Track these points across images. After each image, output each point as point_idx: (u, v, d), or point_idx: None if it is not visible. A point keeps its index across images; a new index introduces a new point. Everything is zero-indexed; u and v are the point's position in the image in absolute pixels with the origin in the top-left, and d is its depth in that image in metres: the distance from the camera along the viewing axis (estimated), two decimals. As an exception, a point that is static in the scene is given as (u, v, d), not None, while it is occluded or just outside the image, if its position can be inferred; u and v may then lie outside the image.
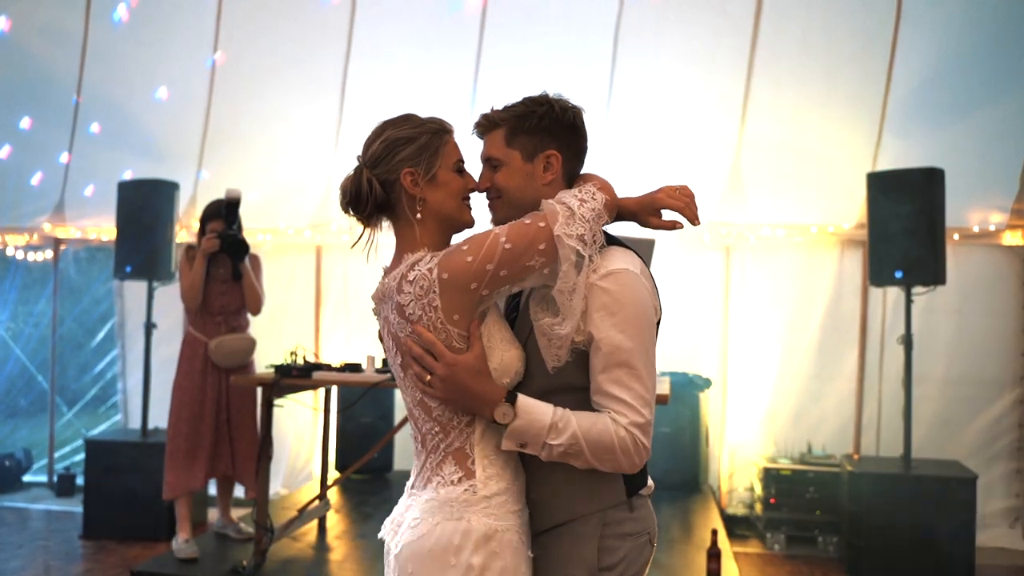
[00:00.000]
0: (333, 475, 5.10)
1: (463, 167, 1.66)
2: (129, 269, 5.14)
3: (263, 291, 4.36)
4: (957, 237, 5.04)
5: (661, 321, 1.66)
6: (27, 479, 6.23)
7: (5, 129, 6.13)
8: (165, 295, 5.32)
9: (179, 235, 5.50)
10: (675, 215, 1.68)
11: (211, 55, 5.97)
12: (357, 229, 1.66)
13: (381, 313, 1.64)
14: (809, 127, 5.32)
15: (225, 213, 4.15)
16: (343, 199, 1.63)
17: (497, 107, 1.71)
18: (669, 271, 4.93)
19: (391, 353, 1.64)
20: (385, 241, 1.68)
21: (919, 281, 4.54)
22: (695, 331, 5.39)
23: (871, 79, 5.24)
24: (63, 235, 6.09)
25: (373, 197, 1.60)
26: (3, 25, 6.09)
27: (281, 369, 3.79)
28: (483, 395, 1.53)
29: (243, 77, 5.93)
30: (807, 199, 5.32)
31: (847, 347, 5.29)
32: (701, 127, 5.47)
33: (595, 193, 1.59)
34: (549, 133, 1.66)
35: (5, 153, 6.15)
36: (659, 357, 1.65)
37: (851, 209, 5.24)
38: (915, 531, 4.34)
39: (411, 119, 1.64)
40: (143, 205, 5.14)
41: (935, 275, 4.48)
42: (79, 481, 5.77)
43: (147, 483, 4.82)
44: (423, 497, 1.58)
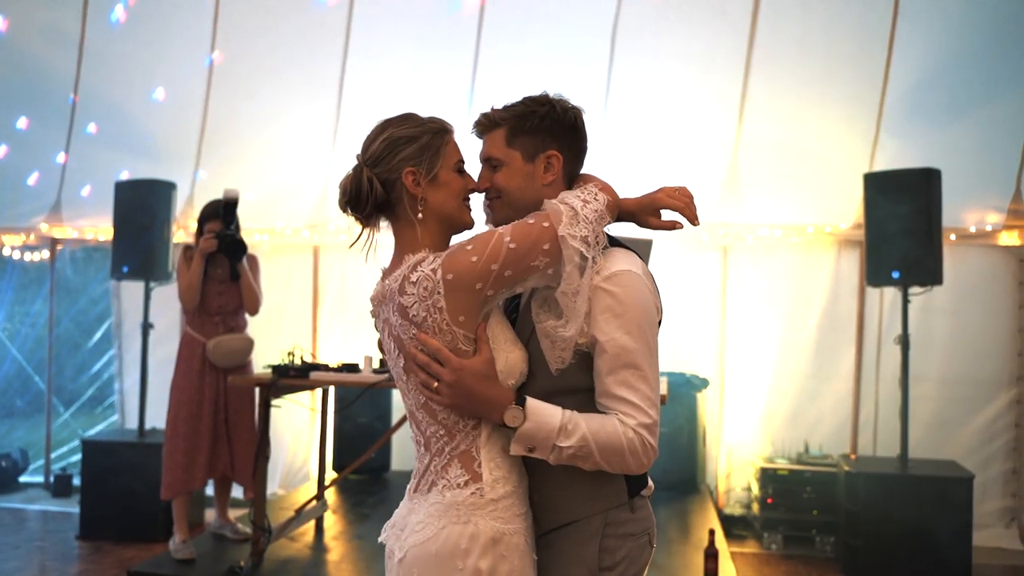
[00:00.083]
0: (330, 475, 5.09)
1: (463, 167, 1.65)
2: (126, 269, 5.13)
3: (261, 291, 4.36)
4: (954, 237, 5.05)
5: (662, 321, 1.66)
6: (23, 480, 6.22)
7: (2, 129, 6.12)
8: (162, 295, 5.32)
9: (176, 235, 5.49)
10: (675, 215, 1.67)
11: (208, 55, 5.97)
12: (355, 229, 1.65)
13: (380, 315, 1.63)
14: (806, 127, 5.32)
15: (223, 213, 4.15)
16: (342, 198, 1.61)
17: (497, 106, 1.69)
18: (666, 271, 4.94)
19: (392, 355, 1.62)
20: (383, 242, 1.67)
21: (916, 281, 4.56)
22: (692, 331, 5.39)
23: (868, 79, 5.25)
24: (60, 235, 6.08)
25: (373, 196, 1.58)
26: (0, 25, 6.08)
27: (278, 369, 3.79)
28: (492, 399, 1.52)
29: (240, 77, 5.93)
30: (804, 199, 5.33)
31: (844, 347, 5.30)
32: (698, 127, 5.47)
33: (597, 194, 1.59)
34: (550, 133, 1.65)
35: (2, 153, 6.14)
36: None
37: (848, 209, 5.25)
38: (912, 531, 4.34)
39: (412, 118, 1.63)
40: (140, 205, 5.13)
41: (932, 275, 4.50)
42: (76, 482, 5.77)
43: (144, 484, 4.82)
44: (428, 500, 1.56)
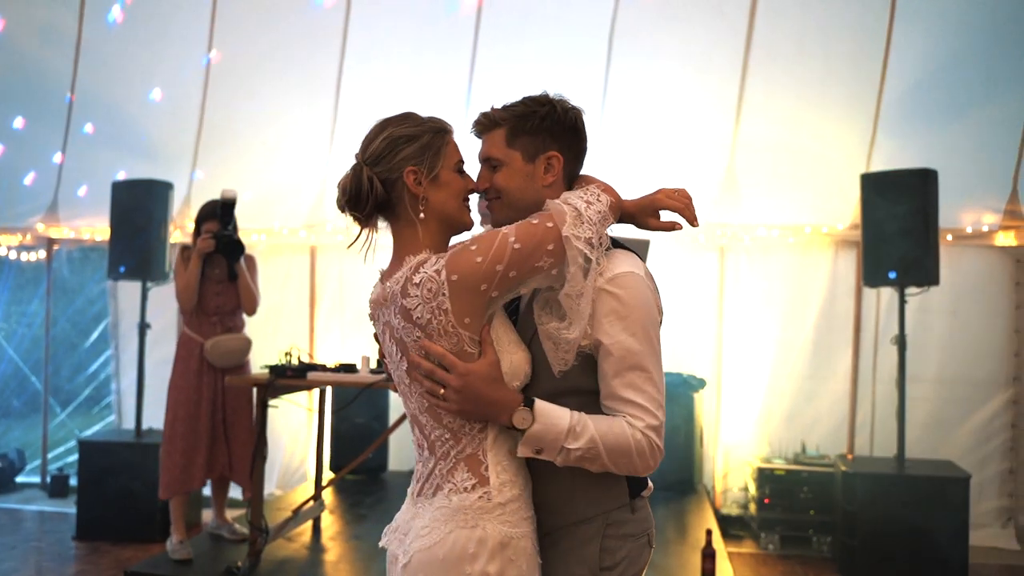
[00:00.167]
0: (328, 476, 5.09)
1: (463, 167, 1.63)
2: (123, 269, 5.12)
3: (258, 291, 4.36)
4: (950, 238, 5.06)
5: (662, 322, 1.65)
6: (20, 480, 6.21)
7: (-1, 129, 6.12)
8: (159, 295, 5.32)
9: (173, 235, 5.48)
10: (674, 216, 1.67)
11: (206, 55, 5.96)
12: (353, 229, 1.63)
13: (380, 318, 1.61)
14: (804, 128, 5.33)
15: (221, 214, 4.15)
16: (342, 197, 1.58)
17: (497, 106, 1.68)
18: (664, 272, 4.93)
19: (394, 359, 1.60)
20: (381, 242, 1.65)
21: (913, 282, 4.56)
22: (690, 331, 5.39)
23: (866, 80, 5.26)
24: (56, 235, 6.07)
25: (374, 196, 1.56)
26: (-3, 25, 6.08)
27: (276, 370, 3.79)
28: (500, 402, 1.50)
29: (238, 77, 5.92)
30: (802, 200, 5.33)
31: (841, 347, 5.30)
32: (696, 127, 5.48)
33: (600, 195, 1.57)
34: (551, 134, 1.64)
35: (-1, 153, 6.14)
36: (656, 357, 1.64)
37: (845, 210, 5.26)
38: (909, 531, 4.35)
39: (412, 117, 1.61)
40: (137, 205, 5.13)
41: (929, 276, 4.50)
42: (72, 482, 5.75)
43: (141, 484, 4.82)
44: (434, 505, 1.54)
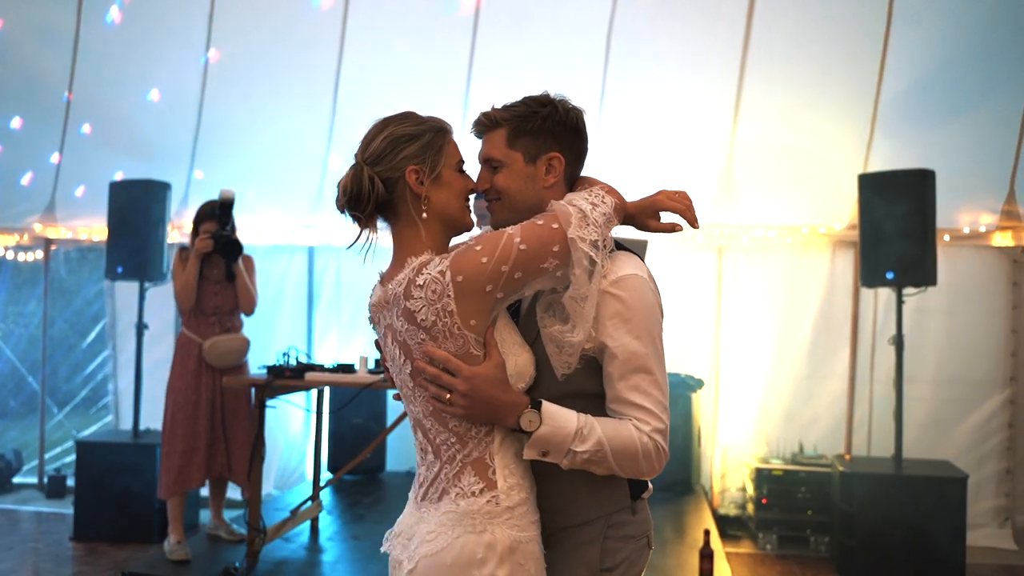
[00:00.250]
0: (326, 476, 5.09)
1: (463, 167, 1.62)
2: (121, 270, 5.12)
3: (256, 292, 4.36)
4: (948, 238, 5.07)
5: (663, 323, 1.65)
6: (17, 480, 6.19)
7: (-5, 129, 6.11)
8: (156, 296, 5.31)
9: (171, 235, 5.48)
10: (674, 217, 1.66)
11: (204, 55, 5.96)
12: (350, 230, 1.60)
13: (382, 321, 1.58)
14: (801, 128, 5.34)
15: (219, 214, 4.16)
16: (342, 197, 1.56)
17: (497, 106, 1.66)
18: (662, 272, 4.91)
19: (397, 362, 1.57)
20: (379, 243, 1.63)
21: (910, 282, 4.57)
22: (687, 332, 5.39)
23: (863, 80, 5.26)
24: (54, 235, 6.06)
25: (375, 195, 1.53)
26: (-6, 25, 6.07)
27: (274, 370, 3.79)
28: (507, 404, 1.49)
29: (236, 77, 5.92)
30: (799, 200, 5.34)
31: (839, 348, 5.31)
32: (694, 128, 5.48)
33: (604, 197, 1.56)
34: (552, 135, 1.62)
35: (-5, 153, 6.12)
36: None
37: (843, 210, 5.27)
38: (906, 531, 4.36)
39: (412, 116, 1.59)
40: (135, 205, 5.12)
41: (926, 276, 4.51)
42: (70, 482, 5.74)
43: (139, 485, 4.81)
44: (440, 509, 1.51)
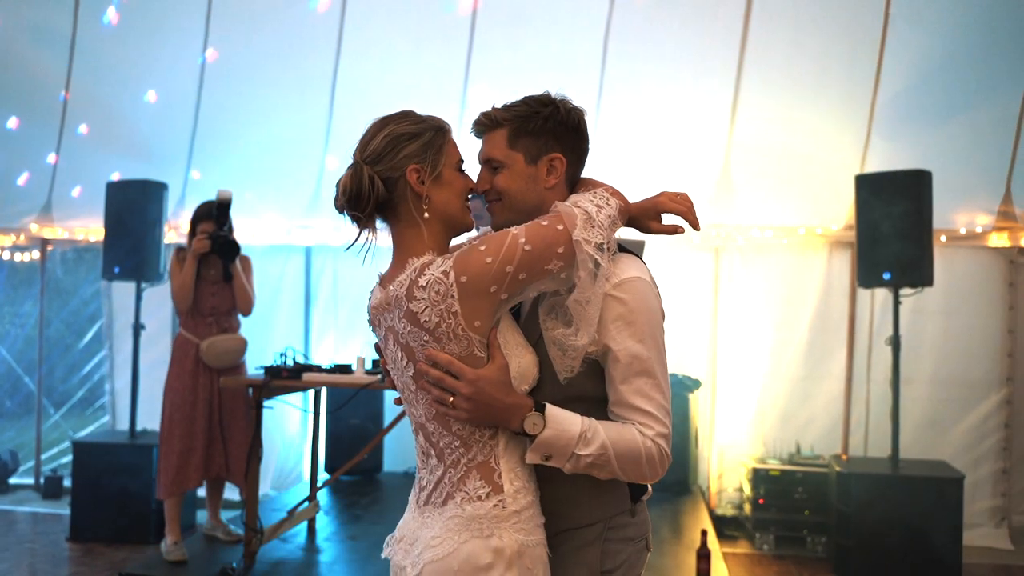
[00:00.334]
0: (323, 477, 5.08)
1: (463, 167, 1.60)
2: (117, 270, 5.11)
3: (254, 292, 4.36)
4: (944, 239, 5.07)
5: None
6: (13, 481, 6.18)
7: (-8, 129, 6.10)
8: (153, 296, 5.30)
9: (168, 236, 5.47)
10: (676, 219, 1.66)
11: (201, 55, 5.95)
12: (347, 230, 1.58)
13: (383, 324, 1.56)
14: (798, 129, 5.34)
15: (216, 214, 4.16)
16: (342, 197, 1.53)
17: (498, 106, 1.64)
18: (659, 272, 4.92)
19: (399, 364, 1.55)
20: (378, 244, 1.61)
21: (907, 282, 4.57)
22: (684, 332, 5.39)
23: (860, 81, 5.27)
24: (50, 236, 6.05)
25: (375, 195, 1.51)
26: (-9, 24, 6.06)
27: (271, 370, 3.78)
28: (511, 406, 1.47)
29: (233, 77, 5.91)
30: (796, 200, 5.34)
31: (835, 348, 5.31)
32: (691, 128, 5.48)
33: (609, 199, 1.55)
34: (554, 135, 1.60)
35: (-8, 153, 6.11)
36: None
37: (839, 211, 5.27)
38: (903, 531, 4.36)
39: (411, 115, 1.57)
40: (131, 206, 5.11)
41: (923, 276, 4.51)
42: (66, 483, 5.73)
43: (135, 485, 4.81)
44: (444, 514, 1.49)
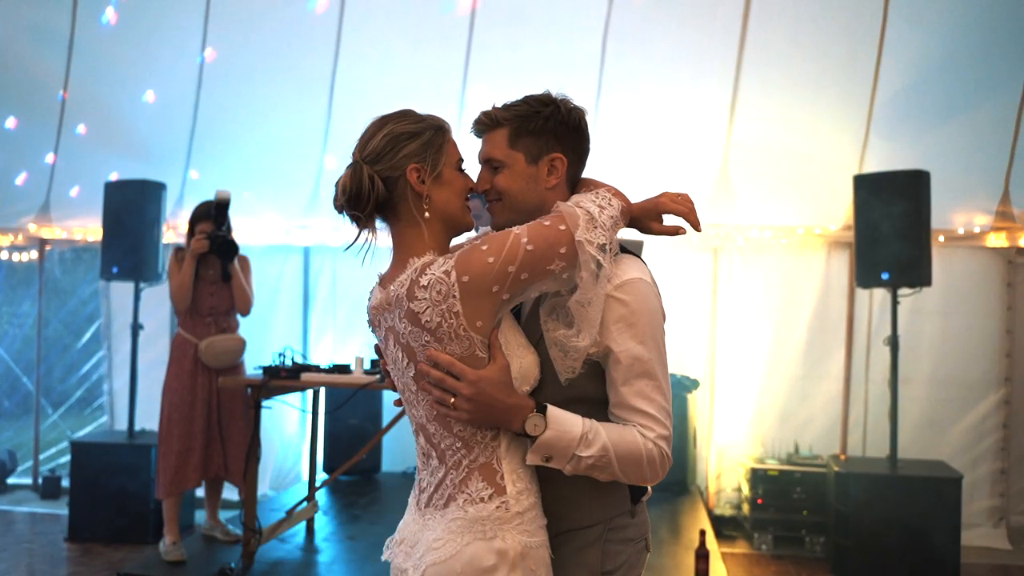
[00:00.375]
0: (321, 477, 5.08)
1: (463, 166, 1.59)
2: (116, 270, 5.11)
3: (252, 292, 4.36)
4: (942, 239, 5.08)
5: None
6: (11, 481, 6.17)
7: (-10, 129, 6.10)
8: (151, 296, 5.30)
9: (166, 236, 5.47)
10: (677, 220, 1.65)
11: (199, 54, 5.95)
12: (346, 230, 1.56)
13: (383, 324, 1.55)
14: (797, 129, 5.34)
15: (215, 214, 4.16)
16: (341, 196, 1.52)
17: (498, 105, 1.63)
18: (657, 272, 4.93)
19: (400, 365, 1.54)
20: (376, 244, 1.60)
21: (905, 283, 4.58)
22: (683, 332, 5.39)
23: (858, 81, 5.27)
24: (49, 235, 6.04)
25: (375, 195, 1.50)
26: (-11, 24, 6.05)
27: (270, 370, 3.78)
28: (512, 407, 1.46)
29: (232, 77, 5.91)
30: (795, 200, 5.35)
31: (834, 348, 5.32)
32: (689, 128, 5.48)
33: (611, 200, 1.54)
34: (555, 135, 1.59)
35: (-10, 153, 6.10)
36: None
37: (838, 211, 5.27)
38: (901, 531, 4.37)
39: (411, 114, 1.56)
40: (130, 206, 5.11)
41: (921, 277, 4.52)
42: (64, 483, 5.73)
43: (134, 485, 4.81)
44: (447, 516, 1.48)
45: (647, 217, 1.63)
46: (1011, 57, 5.10)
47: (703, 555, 3.62)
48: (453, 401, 1.46)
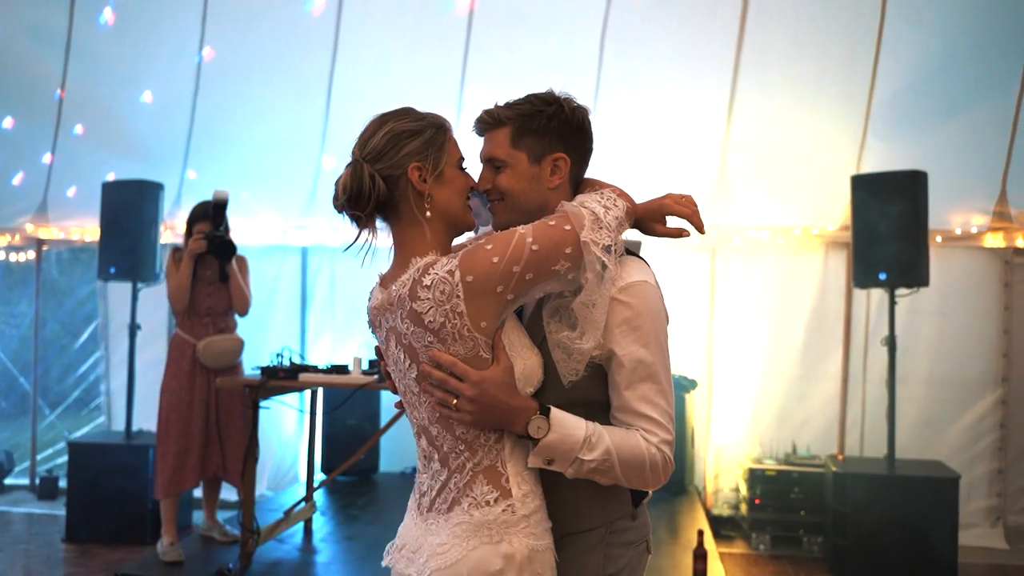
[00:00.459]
0: (319, 477, 5.08)
1: (464, 165, 1.57)
2: (113, 270, 5.10)
3: (250, 292, 4.35)
4: (940, 239, 5.08)
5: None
6: (9, 482, 6.16)
7: (-12, 129, 6.09)
8: (149, 296, 5.30)
9: (164, 236, 5.46)
10: (680, 222, 1.64)
11: (197, 54, 5.94)
12: (344, 230, 1.54)
13: (384, 325, 1.53)
14: (795, 129, 5.35)
15: (212, 214, 4.15)
16: (341, 196, 1.49)
17: (500, 103, 1.60)
18: (655, 272, 4.94)
19: (401, 366, 1.52)
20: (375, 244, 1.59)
21: (903, 283, 4.58)
22: (681, 332, 5.37)
23: (856, 81, 5.28)
24: (46, 236, 6.04)
25: (376, 194, 1.47)
26: (-14, 24, 6.04)
27: (267, 371, 3.78)
28: (516, 409, 1.44)
29: (230, 77, 5.90)
30: (792, 201, 5.35)
31: (831, 348, 5.32)
32: (687, 128, 5.48)
33: (616, 200, 1.52)
34: (558, 135, 1.57)
35: (-13, 153, 6.09)
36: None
37: (835, 211, 5.28)
38: (899, 531, 4.37)
39: (411, 112, 1.54)
40: (127, 206, 5.10)
41: (919, 277, 4.53)
42: (62, 484, 5.72)
43: (131, 486, 4.80)
44: (451, 520, 1.46)
45: (651, 218, 1.62)
46: (1009, 58, 5.11)
47: (701, 555, 3.62)
48: (455, 402, 1.44)
